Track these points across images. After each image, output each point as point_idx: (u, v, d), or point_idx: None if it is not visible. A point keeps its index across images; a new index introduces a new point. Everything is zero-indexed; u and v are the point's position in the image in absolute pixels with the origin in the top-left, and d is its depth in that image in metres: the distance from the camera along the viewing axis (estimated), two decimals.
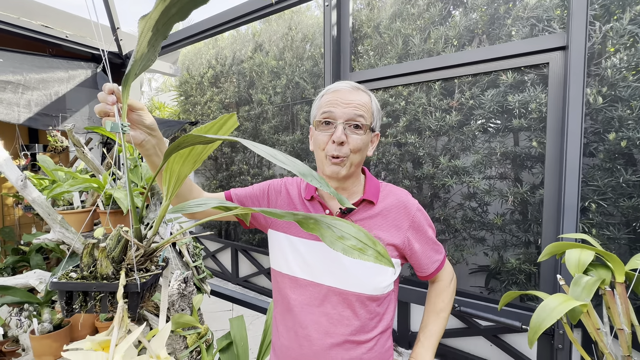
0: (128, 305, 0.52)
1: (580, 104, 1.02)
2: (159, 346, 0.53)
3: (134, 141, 0.64)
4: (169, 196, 0.61)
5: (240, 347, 1.23)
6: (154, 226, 0.61)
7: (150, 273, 0.58)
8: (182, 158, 0.57)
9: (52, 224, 1.08)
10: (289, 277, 0.80)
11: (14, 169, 1.01)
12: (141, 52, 0.54)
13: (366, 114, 0.75)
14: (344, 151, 0.73)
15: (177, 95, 4.91)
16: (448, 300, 0.88)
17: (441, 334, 0.85)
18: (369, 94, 0.79)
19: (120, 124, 0.57)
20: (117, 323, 0.49)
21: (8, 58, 1.98)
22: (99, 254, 0.54)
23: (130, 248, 0.58)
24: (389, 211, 0.79)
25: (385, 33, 2.64)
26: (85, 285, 0.52)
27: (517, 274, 2.22)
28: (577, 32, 1.03)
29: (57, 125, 2.13)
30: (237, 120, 0.58)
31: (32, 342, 1.07)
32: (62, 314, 0.52)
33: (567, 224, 1.07)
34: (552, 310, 0.70)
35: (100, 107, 0.58)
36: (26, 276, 1.25)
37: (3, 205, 2.68)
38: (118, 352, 0.46)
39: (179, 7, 0.50)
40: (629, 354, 0.74)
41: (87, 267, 0.56)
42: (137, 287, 0.52)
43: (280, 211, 0.49)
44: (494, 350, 2.20)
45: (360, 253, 0.45)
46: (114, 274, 0.54)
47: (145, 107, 0.65)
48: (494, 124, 2.27)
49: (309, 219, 0.48)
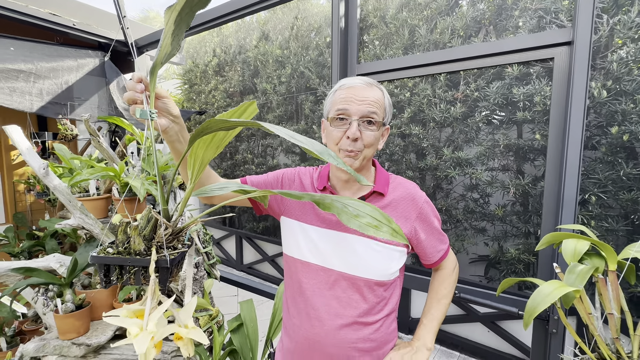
0: (159, 279, 0.57)
1: (583, 100, 1.05)
2: (187, 317, 0.58)
3: (160, 128, 0.67)
4: (193, 180, 0.65)
5: (250, 328, 1.29)
6: (179, 208, 0.66)
7: (178, 250, 0.62)
8: (206, 143, 0.61)
9: (72, 210, 1.14)
10: (301, 262, 0.85)
11: (36, 157, 1.06)
12: (166, 43, 0.57)
13: (379, 110, 0.78)
14: (358, 146, 0.77)
15: (181, 83, 4.91)
16: (450, 287, 0.93)
17: (442, 319, 0.90)
18: (382, 90, 0.81)
19: (149, 111, 0.61)
20: (150, 294, 0.55)
21: (18, 46, 2.00)
22: (132, 232, 0.58)
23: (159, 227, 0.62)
24: (398, 203, 0.83)
25: (392, 23, 2.63)
26: (121, 260, 0.56)
27: (516, 264, 2.28)
28: (583, 28, 1.05)
29: (67, 114, 2.17)
30: (257, 107, 0.62)
31: (57, 320, 1.13)
32: (101, 285, 0.57)
33: (566, 216, 1.11)
34: (547, 295, 0.75)
35: (129, 95, 0.61)
36: (47, 259, 1.31)
37: (15, 191, 2.74)
38: (152, 319, 0.51)
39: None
40: (617, 336, 0.79)
41: (122, 243, 0.60)
42: (167, 263, 0.56)
43: (299, 192, 0.52)
44: (491, 336, 2.28)
45: (376, 230, 0.47)
46: (145, 251, 0.58)
47: (168, 95, 0.68)
48: (498, 116, 2.29)
49: (325, 199, 0.51)
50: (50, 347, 1.14)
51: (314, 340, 0.80)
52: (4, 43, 2.02)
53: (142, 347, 0.46)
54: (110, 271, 0.57)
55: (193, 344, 0.58)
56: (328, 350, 0.79)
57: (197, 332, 0.55)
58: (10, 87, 1.78)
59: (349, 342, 0.79)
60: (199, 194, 0.67)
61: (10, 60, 1.87)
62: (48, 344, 1.15)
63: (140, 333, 0.48)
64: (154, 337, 0.49)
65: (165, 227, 0.60)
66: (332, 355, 0.79)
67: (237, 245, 4.26)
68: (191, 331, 0.54)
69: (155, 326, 0.50)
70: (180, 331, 0.54)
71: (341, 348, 0.79)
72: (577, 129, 1.07)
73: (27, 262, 1.18)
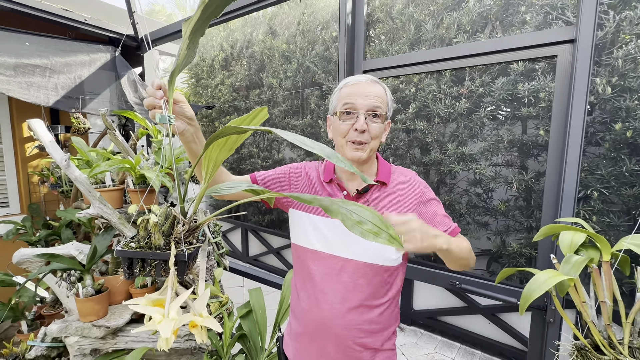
0: (177, 271, 0.62)
1: (585, 97, 1.08)
2: (201, 306, 0.63)
3: (177, 130, 0.72)
4: (207, 180, 0.70)
5: (259, 314, 1.36)
6: (193, 206, 0.70)
7: (194, 245, 0.67)
8: (220, 146, 0.65)
9: (92, 200, 1.20)
10: (310, 251, 0.90)
11: (58, 150, 1.11)
12: (184, 52, 0.62)
13: (382, 104, 0.84)
14: (365, 137, 0.82)
15: (188, 77, 4.95)
16: (467, 251, 0.82)
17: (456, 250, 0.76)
18: (384, 87, 0.87)
19: (168, 116, 0.65)
20: (170, 285, 0.60)
21: (33, 42, 2.06)
22: (152, 228, 0.63)
23: (177, 224, 0.67)
24: (400, 190, 0.88)
25: (398, 18, 2.64)
26: (144, 254, 0.61)
27: (517, 257, 2.32)
28: (586, 26, 1.07)
29: (80, 108, 2.23)
30: (267, 113, 0.66)
31: (78, 304, 1.20)
32: (125, 276, 0.62)
33: (565, 209, 1.15)
34: (542, 283, 0.79)
35: (149, 101, 0.66)
36: (67, 247, 1.38)
37: (29, 183, 2.83)
38: (173, 308, 0.56)
39: (215, 5, 0.56)
40: (609, 323, 0.84)
41: (143, 238, 0.65)
42: (185, 257, 0.61)
43: (309, 196, 0.55)
44: (492, 328, 2.33)
45: (375, 236, 0.51)
46: (164, 245, 0.63)
47: (186, 99, 0.73)
48: (502, 112, 2.31)
49: (332, 205, 0.54)
50: (73, 328, 1.21)
51: (322, 323, 0.86)
52: (20, 38, 2.08)
53: (167, 332, 0.51)
54: (133, 264, 0.62)
55: (207, 331, 0.64)
56: (335, 331, 0.84)
57: (211, 321, 0.59)
58: (28, 82, 1.84)
59: (355, 324, 0.84)
60: (212, 193, 0.71)
61: (26, 56, 1.93)
62: (70, 326, 1.22)
63: (163, 320, 0.53)
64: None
65: (183, 223, 0.65)
66: (339, 336, 0.84)
67: (243, 238, 4.34)
68: (206, 320, 0.59)
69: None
70: (196, 320, 0.59)
71: (348, 329, 0.84)
72: (578, 126, 1.10)
73: (50, 249, 1.24)
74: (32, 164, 2.81)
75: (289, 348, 0.98)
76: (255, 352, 1.31)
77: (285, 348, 1.00)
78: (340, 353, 0.85)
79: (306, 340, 0.91)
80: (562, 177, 1.13)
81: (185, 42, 0.59)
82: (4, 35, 2.05)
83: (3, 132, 2.71)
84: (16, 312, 1.61)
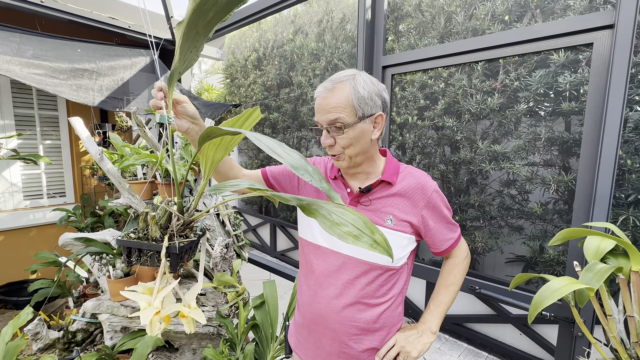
0: (170, 263, 0.65)
1: (623, 89, 0.97)
2: (191, 298, 0.66)
3: (180, 129, 0.76)
4: (205, 177, 0.73)
5: (271, 306, 1.40)
6: (193, 202, 0.74)
7: (187, 240, 0.70)
8: (215, 146, 0.68)
9: (122, 191, 1.31)
10: (313, 245, 0.91)
11: (94, 144, 1.24)
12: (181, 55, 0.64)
13: (344, 112, 0.77)
14: (337, 149, 0.81)
15: (224, 78, 5.18)
16: (460, 275, 0.93)
17: (449, 305, 0.92)
18: (350, 84, 0.78)
19: (167, 116, 0.69)
20: (159, 276, 0.64)
21: (84, 48, 2.29)
22: (150, 221, 0.67)
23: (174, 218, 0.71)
24: (407, 192, 0.85)
25: (427, 11, 2.54)
26: (139, 244, 0.65)
27: (554, 265, 2.13)
28: (626, 9, 0.96)
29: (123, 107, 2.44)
30: (260, 113, 0.67)
31: (109, 284, 1.33)
32: (125, 264, 0.68)
33: (598, 213, 1.04)
34: (555, 290, 0.73)
35: (153, 102, 0.71)
36: (103, 233, 1.52)
37: (82, 175, 3.15)
38: (159, 296, 0.60)
39: (215, 10, 0.58)
40: (637, 340, 0.75)
41: (142, 230, 0.69)
42: (176, 250, 0.64)
43: (288, 196, 0.55)
44: (523, 339, 2.17)
45: (355, 239, 0.47)
46: (161, 238, 0.67)
47: (188, 99, 0.77)
48: (539, 107, 2.13)
49: (311, 205, 0.52)
50: (104, 306, 1.34)
51: (319, 316, 0.87)
52: (73, 46, 2.33)
53: (146, 319, 0.55)
54: (132, 253, 0.66)
55: (194, 322, 0.67)
56: (331, 326, 0.85)
57: (197, 312, 0.63)
58: (77, 84, 2.05)
59: (351, 321, 0.84)
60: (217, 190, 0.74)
61: (77, 61, 2.16)
62: (102, 304, 1.35)
63: (147, 308, 0.57)
64: (160, 312, 0.57)
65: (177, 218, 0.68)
66: (335, 330, 0.85)
67: (272, 233, 4.46)
68: (192, 311, 0.62)
69: (162, 303, 0.59)
70: (183, 310, 0.62)
71: (344, 325, 0.84)
72: (615, 121, 0.99)
73: (87, 234, 1.39)
74: (84, 159, 3.13)
75: (292, 338, 1.00)
76: (266, 341, 1.35)
77: (290, 337, 1.02)
78: (335, 347, 0.85)
79: (305, 332, 0.92)
80: (596, 178, 1.03)
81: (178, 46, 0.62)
82: (61, 44, 2.30)
83: (62, 130, 3.04)
84: (64, 290, 1.82)
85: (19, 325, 1.12)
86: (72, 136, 3.07)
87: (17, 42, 2.02)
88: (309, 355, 0.92)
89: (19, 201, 2.85)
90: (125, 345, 1.34)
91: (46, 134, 2.96)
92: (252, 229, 4.77)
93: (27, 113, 2.83)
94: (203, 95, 5.39)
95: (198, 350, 1.54)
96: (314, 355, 0.90)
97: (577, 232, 0.82)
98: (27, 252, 2.78)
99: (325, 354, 0.87)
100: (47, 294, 1.82)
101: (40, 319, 1.41)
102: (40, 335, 1.38)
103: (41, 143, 2.93)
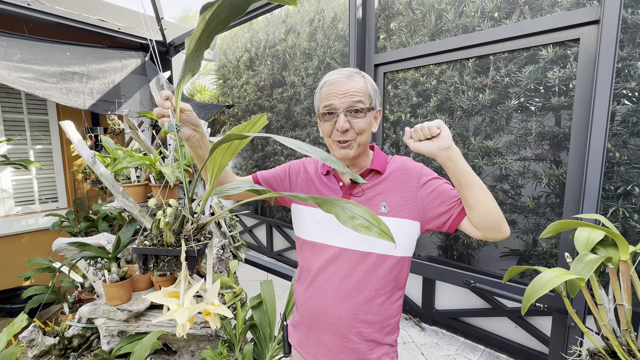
0: (188, 266, 0.67)
1: (609, 83, 0.99)
2: (212, 295, 0.68)
3: (183, 136, 0.77)
4: (212, 182, 0.74)
5: (269, 305, 1.40)
6: (200, 206, 0.75)
7: (202, 242, 0.71)
8: (223, 151, 0.70)
9: (115, 194, 1.30)
10: (309, 243, 0.92)
11: (86, 148, 1.23)
12: (188, 64, 0.66)
13: (363, 97, 0.81)
14: (350, 136, 0.81)
15: (216, 79, 5.15)
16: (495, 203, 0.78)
17: (478, 183, 0.77)
18: (364, 76, 0.84)
19: (175, 124, 0.70)
20: (183, 278, 0.65)
21: (74, 51, 2.26)
22: (163, 227, 0.68)
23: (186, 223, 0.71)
24: (395, 176, 0.87)
25: (418, 9, 2.56)
26: (157, 251, 0.66)
27: (547, 258, 2.17)
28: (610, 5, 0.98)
29: (115, 110, 2.42)
30: (267, 119, 0.69)
31: (105, 289, 1.32)
32: (140, 271, 0.68)
33: (588, 205, 1.06)
34: (547, 281, 0.74)
35: (158, 111, 0.71)
36: (97, 237, 1.51)
37: (74, 180, 3.11)
38: (187, 297, 0.62)
39: (218, 21, 0.60)
40: (627, 328, 0.77)
41: (156, 237, 0.70)
42: (194, 253, 0.65)
43: (305, 195, 0.59)
44: (518, 331, 2.20)
45: (367, 230, 0.55)
46: (175, 242, 0.68)
47: (191, 108, 0.77)
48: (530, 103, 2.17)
49: (326, 202, 0.58)
50: (100, 310, 1.33)
51: (318, 311, 0.87)
52: (62, 49, 2.30)
53: (183, 319, 0.57)
54: (148, 260, 0.67)
55: (219, 319, 0.69)
56: (331, 320, 0.85)
57: (222, 309, 0.65)
58: (67, 88, 2.02)
59: (351, 313, 0.84)
60: (216, 193, 0.75)
61: (67, 64, 2.13)
62: (98, 308, 1.34)
63: (179, 309, 0.60)
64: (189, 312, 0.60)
65: (191, 222, 0.69)
66: (334, 325, 0.85)
67: (268, 233, 4.45)
68: (218, 308, 0.65)
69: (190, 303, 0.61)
70: (209, 308, 0.64)
71: (343, 319, 0.85)
72: (602, 114, 1.01)
73: (81, 238, 1.37)
74: (76, 163, 3.09)
75: (292, 337, 1.00)
76: (264, 341, 1.36)
77: (290, 337, 1.02)
78: (336, 343, 0.86)
79: (305, 329, 0.93)
80: (585, 171, 1.05)
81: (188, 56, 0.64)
82: (49, 47, 2.27)
83: (52, 134, 3.00)
84: (58, 295, 1.80)
85: (13, 332, 1.11)
86: (64, 140, 3.03)
87: (5, 45, 1.99)
88: (310, 352, 0.92)
89: (10, 207, 2.80)
90: (122, 350, 1.33)
91: (37, 139, 2.92)
92: (248, 229, 4.76)
93: (16, 118, 2.78)
94: (196, 96, 5.36)
95: (196, 352, 1.54)
96: (315, 352, 0.90)
97: (568, 224, 0.84)
98: (20, 259, 2.74)
99: (327, 350, 0.88)
100: (41, 300, 1.80)
101: (35, 326, 1.40)
102: (36, 342, 1.37)
103: (32, 148, 2.89)
